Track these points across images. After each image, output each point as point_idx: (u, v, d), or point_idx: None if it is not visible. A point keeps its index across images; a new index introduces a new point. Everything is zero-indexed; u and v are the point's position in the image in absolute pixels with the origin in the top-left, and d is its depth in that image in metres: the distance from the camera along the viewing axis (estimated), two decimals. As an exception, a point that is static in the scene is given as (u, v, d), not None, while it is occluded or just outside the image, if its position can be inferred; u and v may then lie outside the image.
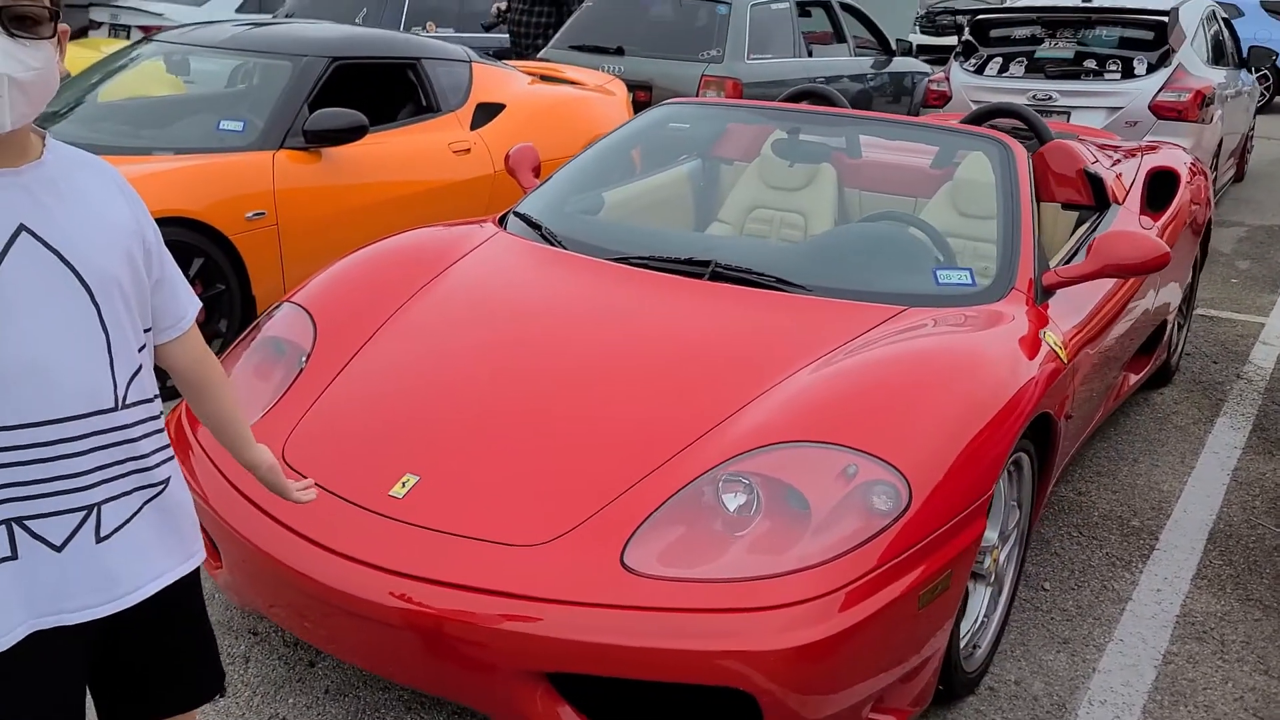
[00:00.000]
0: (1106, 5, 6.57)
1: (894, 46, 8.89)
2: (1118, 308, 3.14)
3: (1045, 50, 6.58)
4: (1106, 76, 6.33)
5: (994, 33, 6.82)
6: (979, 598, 2.46)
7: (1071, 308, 2.91)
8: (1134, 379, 3.85)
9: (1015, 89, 6.43)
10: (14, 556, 1.29)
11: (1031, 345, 2.53)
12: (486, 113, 5.25)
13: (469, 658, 1.91)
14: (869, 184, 3.86)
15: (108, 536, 1.35)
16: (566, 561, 1.95)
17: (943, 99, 6.62)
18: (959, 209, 3.30)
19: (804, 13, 8.43)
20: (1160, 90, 6.13)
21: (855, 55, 8.43)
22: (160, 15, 9.70)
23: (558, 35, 7.91)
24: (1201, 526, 3.32)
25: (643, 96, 6.90)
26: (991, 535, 2.43)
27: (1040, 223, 3.68)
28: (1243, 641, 2.74)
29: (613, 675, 1.86)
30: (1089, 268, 2.78)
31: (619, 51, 7.27)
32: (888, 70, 8.67)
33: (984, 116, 3.88)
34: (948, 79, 6.71)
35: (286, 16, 9.25)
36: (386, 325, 2.63)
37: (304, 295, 2.77)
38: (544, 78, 6.25)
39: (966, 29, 6.80)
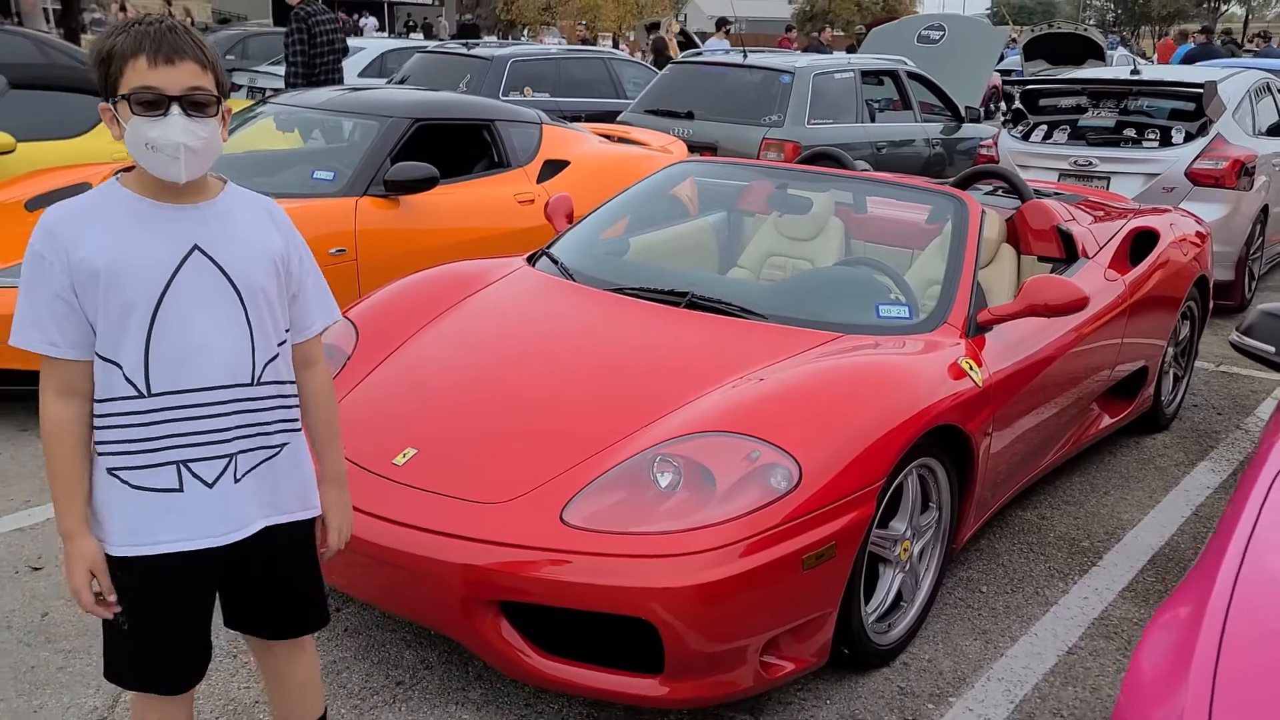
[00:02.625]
0: (1149, 78, 6.87)
1: (964, 114, 9.30)
2: (1060, 349, 3.50)
3: (1088, 119, 6.91)
4: (1145, 144, 6.62)
5: (1042, 102, 7.17)
6: (888, 581, 2.87)
7: (1010, 344, 3.30)
8: (1108, 420, 4.16)
9: (1057, 155, 6.77)
10: (180, 490, 1.76)
11: (947, 368, 2.95)
12: (553, 168, 5.89)
13: (439, 585, 2.43)
14: (873, 236, 4.31)
15: (241, 479, 1.81)
16: (518, 515, 2.46)
17: (991, 163, 6.99)
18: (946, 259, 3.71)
19: (878, 81, 8.94)
20: (1197, 158, 6.39)
21: (922, 121, 8.87)
22: (290, 80, 10.77)
23: (636, 100, 8.60)
24: (1147, 550, 3.62)
25: (709, 156, 7.48)
26: (899, 527, 2.84)
27: (1020, 271, 4.10)
28: (1150, 644, 3.06)
29: (545, 603, 2.36)
30: (1017, 307, 3.19)
31: (689, 116, 7.88)
32: (956, 135, 9.07)
33: (973, 177, 4.30)
34: (995, 145, 7.08)
35: (401, 81, 10.22)
36: (415, 335, 3.22)
37: (354, 311, 3.38)
38: (613, 138, 6.90)
39: (1017, 98, 7.17)
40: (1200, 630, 1.60)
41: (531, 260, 3.80)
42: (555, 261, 3.68)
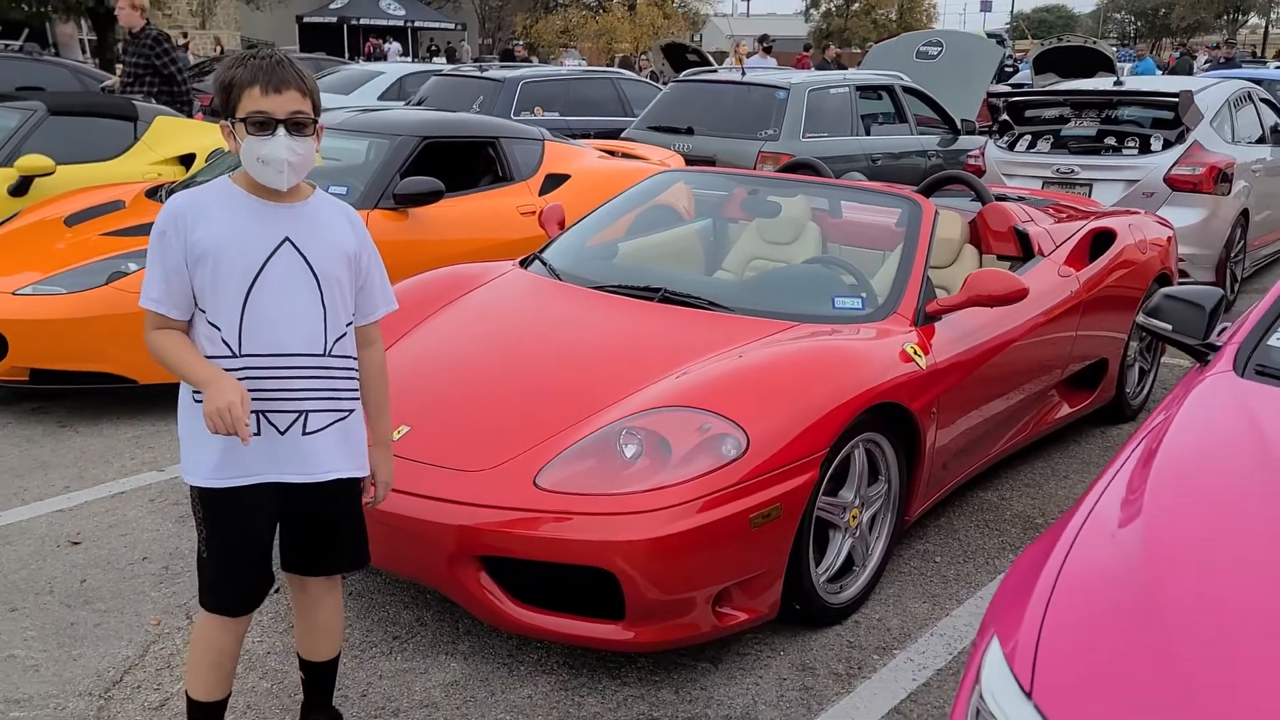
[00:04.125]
0: (1129, 89, 7.14)
1: (959, 126, 9.58)
2: (1009, 340, 3.78)
3: (1071, 129, 7.18)
4: (1125, 152, 6.88)
5: (1028, 113, 7.44)
6: (837, 544, 3.16)
7: (960, 334, 3.59)
8: (1067, 409, 4.43)
9: (1041, 163, 7.04)
10: (258, 434, 2.13)
11: (893, 353, 3.24)
12: (554, 182, 6.24)
13: (428, 543, 2.75)
14: (848, 239, 4.61)
15: (311, 433, 2.18)
16: (498, 481, 2.78)
17: (978, 172, 7.27)
18: None
19: (876, 96, 9.24)
20: (1174, 165, 6.64)
21: (918, 134, 9.16)
22: (313, 103, 11.21)
23: (639, 118, 8.95)
24: (1096, 526, 3.87)
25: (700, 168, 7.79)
26: (848, 496, 3.13)
27: (981, 268, 4.38)
28: (1087, 606, 3.32)
29: (520, 557, 2.67)
30: (961, 298, 3.48)
31: (689, 131, 8.22)
32: (952, 148, 9.35)
33: (938, 183, 4.59)
34: (982, 155, 7.36)
35: (418, 103, 10.64)
36: (414, 328, 3.55)
37: (360, 309, 3.72)
38: (614, 154, 7.24)
39: (1003, 110, 7.45)
40: (1047, 561, 1.91)
41: (524, 263, 4.12)
42: (545, 264, 4.01)
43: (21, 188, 6.39)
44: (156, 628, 3.06)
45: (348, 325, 2.24)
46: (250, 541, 2.21)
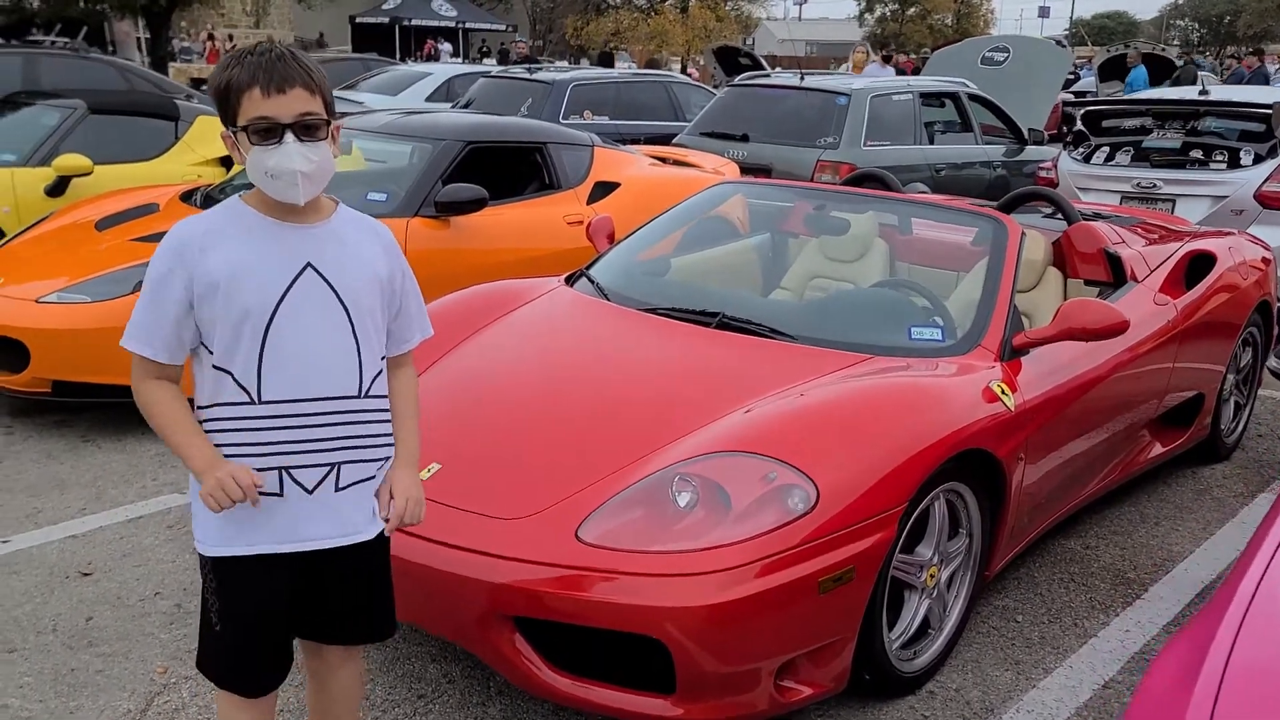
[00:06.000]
0: (1217, 99, 6.70)
1: (1027, 136, 9.15)
2: (1103, 374, 3.42)
3: (1153, 140, 6.75)
4: (1212, 166, 6.44)
5: (1105, 123, 7.03)
6: (913, 607, 2.82)
7: (1048, 368, 3.24)
8: (1160, 449, 4.05)
9: (1120, 177, 6.62)
10: (280, 495, 1.84)
11: (978, 392, 2.90)
12: (603, 190, 5.95)
13: (457, 599, 2.46)
14: (918, 258, 4.26)
15: (344, 489, 1.88)
16: (535, 531, 2.48)
17: (1049, 185, 6.87)
18: None
19: (939, 104, 8.86)
20: (1267, 180, 6.20)
21: (984, 144, 8.76)
22: (361, 104, 11.06)
23: (691, 123, 8.63)
24: (1196, 584, 3.50)
25: (762, 178, 7.47)
26: (925, 552, 2.80)
27: (1066, 295, 4.02)
28: (1192, 680, 2.95)
29: (558, 620, 2.37)
30: (1052, 330, 3.12)
31: (744, 138, 7.90)
32: (1018, 159, 8.92)
33: (1019, 200, 4.23)
34: (1055, 166, 6.96)
35: (465, 105, 10.42)
36: (451, 350, 3.27)
37: (392, 328, 3.45)
38: (666, 161, 6.94)
39: (1078, 120, 7.04)
40: (1209, 653, 1.57)
41: (570, 280, 3.83)
42: (592, 281, 3.71)
43: (59, 188, 6.23)
44: (162, 677, 2.80)
45: (383, 360, 1.95)
46: (271, 616, 1.91)
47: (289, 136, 1.75)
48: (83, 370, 4.36)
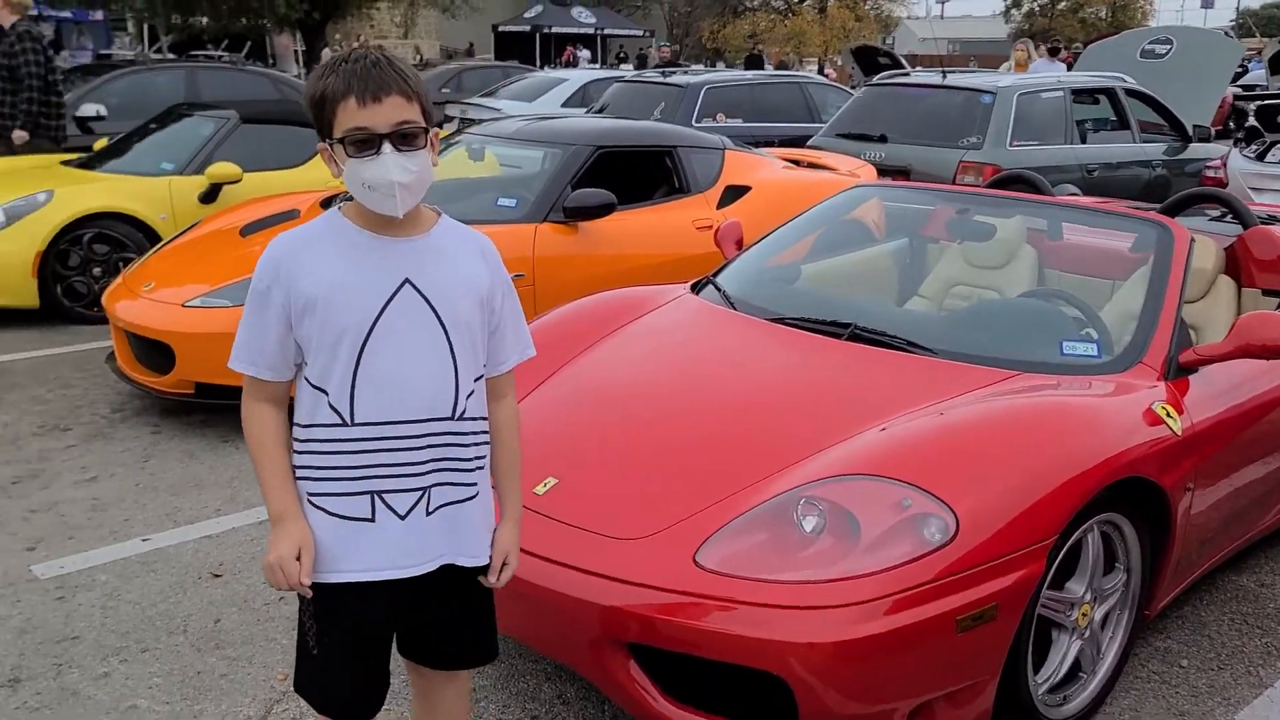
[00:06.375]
0: None
1: (1191, 133, 8.55)
2: (1277, 396, 3.09)
3: (1338, 136, 6.19)
4: (1407, 163, 5.86)
5: (1282, 118, 6.49)
6: (1062, 648, 2.59)
7: (1220, 389, 2.94)
8: (1349, 477, 3.64)
9: (1298, 176, 6.10)
10: (372, 520, 1.77)
11: (1139, 413, 2.64)
12: (734, 194, 5.81)
13: (569, 621, 2.37)
14: (1068, 265, 3.98)
15: (434, 512, 1.80)
16: (652, 554, 2.37)
17: (1218, 185, 6.38)
18: None
19: (1093, 100, 8.37)
20: None
21: (1142, 142, 8.23)
22: (498, 110, 11.23)
23: (827, 124, 8.39)
24: (1391, 632, 3.13)
25: (901, 181, 7.20)
26: (1077, 589, 2.56)
27: (1240, 307, 3.68)
28: (1388, 744, 2.62)
29: (673, 649, 2.25)
30: (1227, 347, 2.83)
31: (882, 139, 7.62)
32: (1180, 157, 8.35)
33: (1186, 201, 3.90)
34: (1224, 166, 6.46)
35: (600, 110, 10.44)
36: (570, 362, 3.19)
37: (516, 335, 3.40)
38: (800, 164, 6.74)
39: (1251, 115, 6.52)
40: None
41: (696, 288, 3.71)
42: (719, 289, 3.59)
43: (211, 195, 6.50)
44: (283, 684, 2.81)
45: (477, 380, 1.86)
46: (366, 642, 1.85)
47: (386, 147, 1.68)
48: (223, 373, 4.48)
